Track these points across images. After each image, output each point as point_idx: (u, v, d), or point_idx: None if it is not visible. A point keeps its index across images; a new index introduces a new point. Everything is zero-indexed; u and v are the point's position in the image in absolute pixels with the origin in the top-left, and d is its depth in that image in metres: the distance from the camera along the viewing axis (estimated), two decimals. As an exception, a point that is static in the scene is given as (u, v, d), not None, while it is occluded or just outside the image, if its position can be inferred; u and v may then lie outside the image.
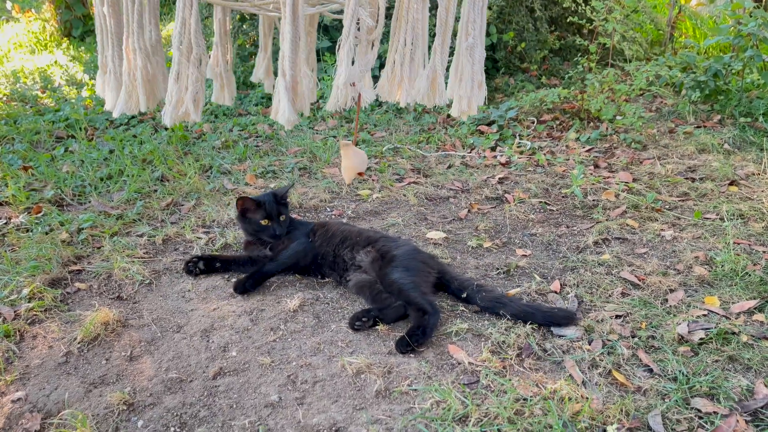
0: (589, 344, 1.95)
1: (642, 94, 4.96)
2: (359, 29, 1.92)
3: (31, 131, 4.36)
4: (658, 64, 4.42)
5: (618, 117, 4.30)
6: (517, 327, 2.04)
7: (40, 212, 3.05)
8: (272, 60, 2.67)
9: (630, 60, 5.06)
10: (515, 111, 4.52)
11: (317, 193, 3.30)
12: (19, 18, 8.49)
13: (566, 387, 1.72)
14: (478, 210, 3.13)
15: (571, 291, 2.28)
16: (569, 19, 4.79)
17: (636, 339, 1.97)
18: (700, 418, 1.63)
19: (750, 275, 2.31)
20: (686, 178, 3.38)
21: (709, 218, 2.86)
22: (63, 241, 2.70)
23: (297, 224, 2.56)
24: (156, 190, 3.35)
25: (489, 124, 4.45)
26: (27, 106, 5.16)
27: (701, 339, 1.94)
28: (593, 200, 3.17)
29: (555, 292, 2.29)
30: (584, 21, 4.62)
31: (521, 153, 3.98)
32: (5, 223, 2.92)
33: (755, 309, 2.12)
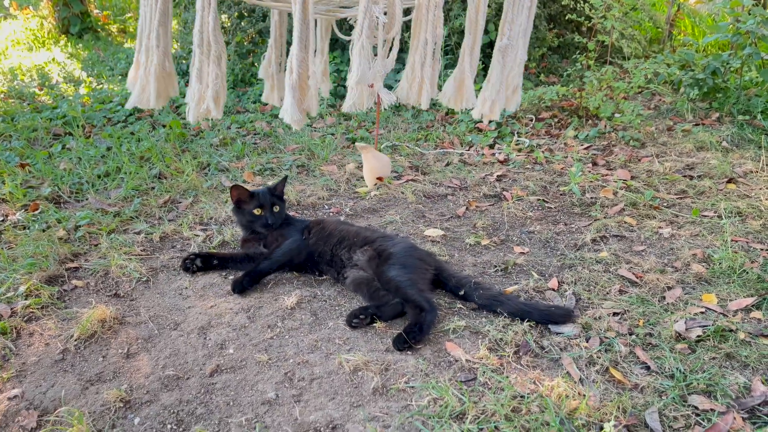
0: (587, 341, 1.95)
1: (640, 92, 4.96)
2: (377, 28, 1.88)
3: (29, 128, 4.35)
4: (657, 62, 4.42)
5: (616, 115, 4.30)
6: (515, 324, 2.04)
7: (37, 209, 3.04)
8: (328, 63, 2.68)
9: (628, 58, 5.06)
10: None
11: (315, 191, 3.29)
12: (17, 15, 8.46)
13: (563, 384, 1.72)
14: (476, 207, 3.13)
15: (569, 288, 2.28)
16: (568, 17, 4.78)
17: (633, 336, 1.97)
18: (697, 416, 1.63)
19: (748, 273, 2.31)
20: (684, 176, 3.38)
21: (707, 216, 2.86)
22: (60, 239, 2.69)
23: (292, 221, 2.57)
24: (153, 188, 3.34)
25: (490, 122, 4.44)
26: (24, 104, 5.15)
27: (699, 336, 1.94)
28: (591, 198, 3.17)
29: (553, 290, 2.29)
30: (583, 18, 4.61)
31: (519, 151, 3.98)
32: (2, 221, 2.91)
33: (753, 306, 2.12)
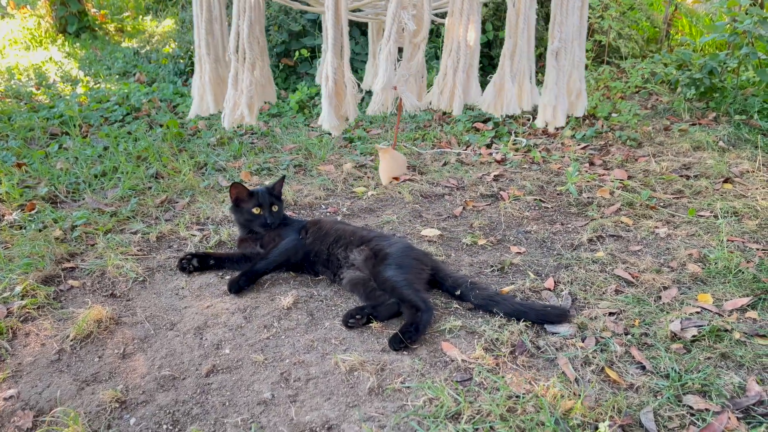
0: (583, 341, 1.95)
1: (637, 92, 4.97)
2: (403, 32, 1.87)
3: (25, 128, 4.34)
4: (654, 62, 4.43)
5: (613, 114, 4.30)
6: (511, 324, 2.04)
7: (34, 209, 3.04)
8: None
9: (626, 57, 5.07)
10: (511, 108, 4.51)
11: (312, 191, 3.29)
12: (14, 14, 8.44)
13: (559, 384, 1.72)
14: (473, 207, 3.13)
15: (565, 288, 2.28)
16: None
17: (629, 336, 1.97)
18: (692, 415, 1.63)
19: (743, 272, 2.32)
20: (681, 176, 3.38)
21: (704, 216, 2.87)
22: (56, 239, 2.69)
23: (289, 221, 2.58)
24: (150, 188, 3.34)
25: (485, 122, 4.45)
26: (21, 103, 5.14)
27: (694, 336, 1.94)
28: (588, 197, 3.18)
29: (549, 290, 2.29)
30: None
31: (517, 150, 3.98)
32: (-2, 221, 2.91)
33: (748, 306, 2.12)
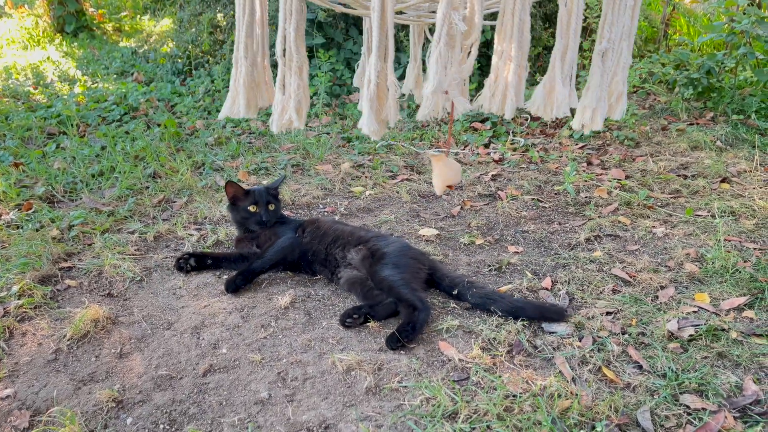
0: (580, 341, 1.95)
1: (635, 92, 4.97)
2: (454, 34, 1.85)
3: (23, 128, 4.34)
4: (652, 62, 4.44)
5: (611, 114, 4.30)
6: (508, 324, 2.04)
7: (31, 209, 3.03)
8: (422, 69, 2.67)
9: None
10: (509, 108, 4.51)
11: (310, 190, 3.29)
12: (12, 14, 8.43)
13: (556, 383, 1.72)
14: (471, 207, 3.13)
15: (563, 288, 2.29)
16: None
17: (626, 336, 1.97)
18: (689, 415, 1.63)
19: (740, 272, 2.32)
20: (678, 176, 3.38)
21: (701, 215, 2.87)
22: (53, 238, 2.69)
23: (286, 220, 2.59)
24: (148, 187, 3.33)
25: (483, 121, 4.45)
26: (19, 103, 5.13)
27: (691, 336, 1.95)
28: (585, 197, 3.18)
29: (546, 289, 2.29)
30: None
31: (514, 150, 3.98)
32: (-5, 220, 2.90)
33: (745, 306, 2.12)
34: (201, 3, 5.85)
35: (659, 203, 3.05)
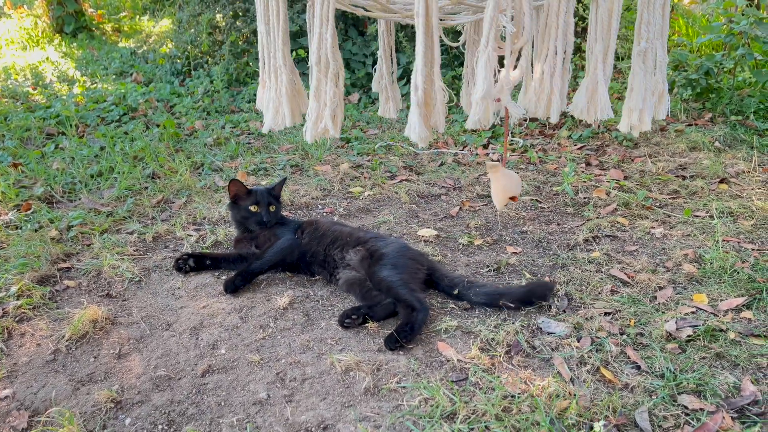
0: (578, 341, 1.96)
1: (634, 92, 4.97)
2: (503, 38, 1.79)
3: (22, 128, 4.34)
4: (650, 62, 4.43)
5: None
6: (507, 324, 2.04)
7: (30, 209, 3.03)
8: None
9: (622, 58, 5.07)
10: (508, 109, 4.52)
11: (309, 191, 3.29)
12: (11, 14, 8.43)
13: (554, 384, 1.72)
14: (470, 207, 3.13)
15: (561, 288, 2.29)
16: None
17: (624, 336, 1.98)
18: (687, 415, 1.63)
19: (738, 273, 2.32)
20: (677, 176, 3.39)
21: (699, 216, 2.87)
22: (52, 239, 2.69)
23: (285, 221, 2.59)
24: (147, 188, 3.34)
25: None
26: (18, 103, 5.13)
27: (689, 336, 1.95)
28: (584, 198, 3.18)
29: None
30: (576, 19, 4.61)
31: (513, 151, 3.98)
32: (-6, 221, 2.90)
33: (743, 306, 2.13)
34: (200, 3, 5.86)
35: (658, 204, 3.05)
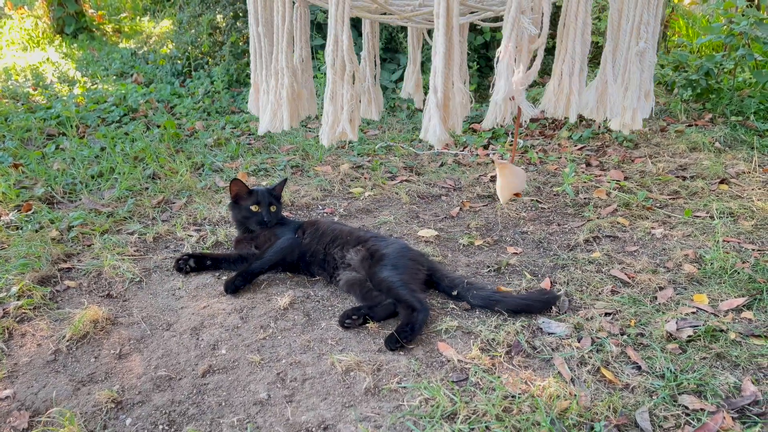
0: (578, 342, 1.96)
1: (634, 93, 4.97)
2: (520, 38, 1.80)
3: (22, 129, 4.34)
4: (651, 63, 4.43)
5: (610, 115, 4.30)
6: (507, 325, 2.04)
7: (30, 210, 3.03)
8: (421, 73, 2.66)
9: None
10: (508, 109, 4.52)
11: (309, 191, 3.30)
12: (12, 15, 8.44)
13: (555, 384, 1.72)
14: (470, 208, 3.13)
15: (562, 289, 2.29)
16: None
17: (625, 336, 1.98)
18: (687, 415, 1.63)
19: (739, 273, 2.32)
20: (677, 177, 3.39)
21: (700, 216, 2.87)
22: (53, 239, 2.69)
23: (285, 221, 2.59)
24: (147, 188, 3.34)
25: (482, 122, 4.45)
26: (18, 104, 5.13)
27: (690, 336, 1.95)
28: (584, 198, 3.18)
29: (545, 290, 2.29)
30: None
31: (514, 151, 3.98)
32: (-5, 221, 2.90)
33: (744, 306, 2.13)
34: (200, 4, 5.86)
35: (658, 204, 3.05)
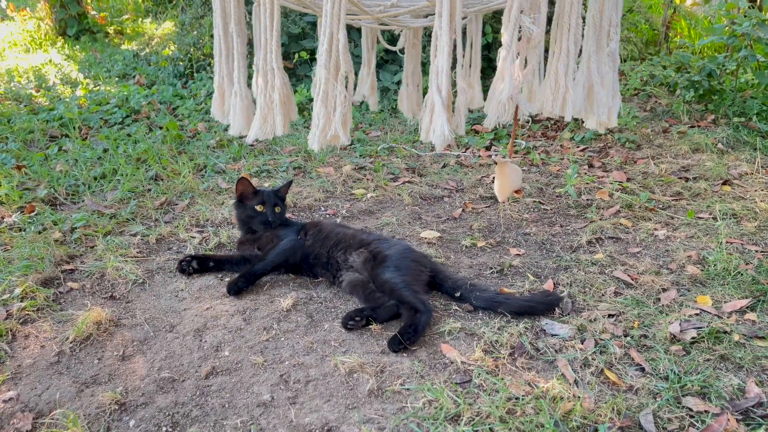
0: (582, 343, 1.95)
1: (636, 94, 4.97)
2: (519, 39, 1.81)
3: (25, 130, 4.34)
4: (653, 64, 4.44)
5: (612, 117, 4.30)
6: (510, 326, 2.04)
7: (33, 211, 3.04)
8: (376, 75, 2.66)
9: (625, 60, 5.07)
10: (510, 110, 4.52)
11: (311, 193, 3.30)
12: (14, 17, 8.45)
13: (558, 386, 1.72)
14: (473, 209, 3.13)
15: (565, 290, 2.29)
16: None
17: (628, 338, 1.97)
18: (692, 417, 1.63)
19: (742, 274, 2.32)
20: (680, 178, 3.38)
21: (702, 218, 2.87)
22: (56, 241, 2.69)
23: (288, 222, 2.60)
24: (150, 190, 3.34)
25: (483, 123, 4.45)
26: (21, 105, 5.14)
27: (693, 338, 1.94)
28: (587, 200, 3.18)
29: (548, 291, 2.29)
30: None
31: (516, 152, 3.98)
32: (-2, 223, 2.91)
33: (747, 308, 2.12)
34: (203, 6, 5.87)
35: (661, 205, 3.05)
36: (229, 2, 1.96)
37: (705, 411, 1.64)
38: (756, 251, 2.51)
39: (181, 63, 5.97)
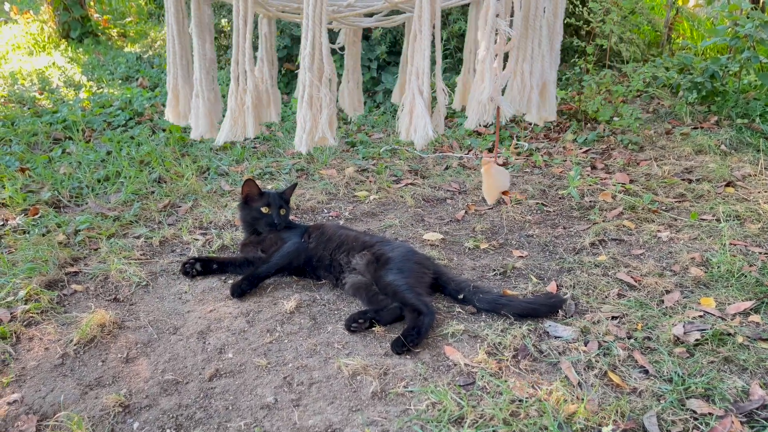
0: (585, 345, 1.95)
1: (639, 96, 4.97)
2: (496, 41, 1.84)
3: (29, 133, 4.36)
4: (656, 66, 4.44)
5: (615, 118, 4.31)
6: (514, 328, 2.04)
7: (37, 214, 3.05)
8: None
9: (627, 61, 5.07)
10: (513, 112, 4.52)
11: (314, 195, 3.30)
12: (17, 19, 8.48)
13: (562, 388, 1.72)
14: (475, 211, 3.13)
15: (568, 292, 2.29)
16: (566, 21, 4.79)
17: (632, 340, 1.97)
18: (696, 419, 1.63)
19: (746, 276, 2.32)
20: (683, 180, 3.38)
21: (706, 219, 2.87)
22: (60, 243, 2.70)
23: (291, 225, 2.60)
24: (153, 192, 3.35)
25: (486, 126, 4.45)
26: (25, 108, 5.15)
27: (697, 340, 1.94)
28: (590, 201, 3.18)
29: (551, 293, 2.29)
30: (581, 22, 4.62)
31: (518, 154, 3.98)
32: (2, 225, 2.92)
33: (751, 310, 2.12)
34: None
35: (664, 207, 3.05)
36: (182, 4, 1.97)
37: (709, 413, 1.64)
38: (760, 253, 2.50)
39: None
